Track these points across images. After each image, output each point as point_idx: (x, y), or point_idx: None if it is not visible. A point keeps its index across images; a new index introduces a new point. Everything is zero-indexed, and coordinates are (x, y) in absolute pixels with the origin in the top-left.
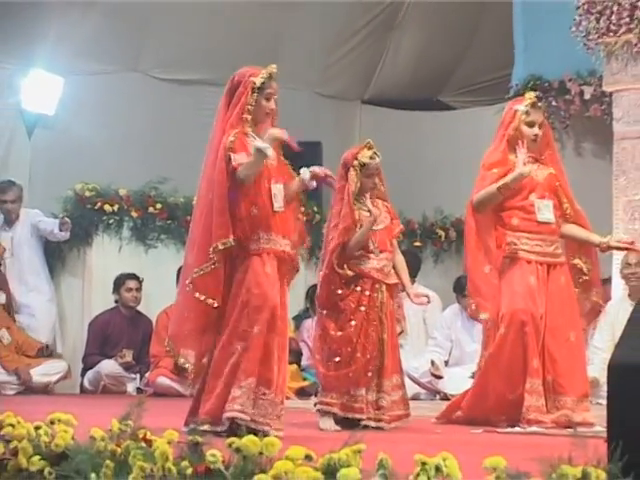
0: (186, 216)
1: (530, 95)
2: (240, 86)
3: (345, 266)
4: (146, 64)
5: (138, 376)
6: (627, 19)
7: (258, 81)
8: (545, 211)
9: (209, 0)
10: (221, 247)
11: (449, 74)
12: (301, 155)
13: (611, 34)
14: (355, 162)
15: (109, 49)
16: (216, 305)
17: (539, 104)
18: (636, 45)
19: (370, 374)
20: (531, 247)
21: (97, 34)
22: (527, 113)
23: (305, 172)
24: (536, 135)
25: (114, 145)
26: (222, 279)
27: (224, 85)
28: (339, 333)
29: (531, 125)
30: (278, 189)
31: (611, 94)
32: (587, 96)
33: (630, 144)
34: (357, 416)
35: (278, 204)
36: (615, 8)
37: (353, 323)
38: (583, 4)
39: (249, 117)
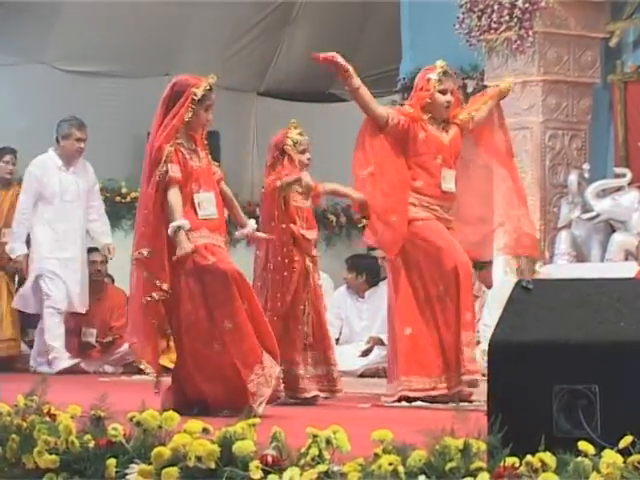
0: None
1: (441, 64)
2: (181, 97)
3: None
4: (51, 56)
5: None
6: (507, 17)
7: (199, 93)
8: (449, 180)
9: None
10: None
11: None
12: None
13: (492, 31)
14: (288, 140)
15: (16, 42)
16: None
17: (449, 72)
18: (515, 42)
19: None
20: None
21: (4, 27)
22: (440, 81)
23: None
24: (449, 102)
25: (20, 133)
26: None
27: (125, 77)
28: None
29: (444, 93)
30: (205, 197)
31: None
32: (470, 89)
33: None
34: None
35: (204, 212)
36: (496, 7)
37: None
38: (466, 3)
39: (185, 128)
